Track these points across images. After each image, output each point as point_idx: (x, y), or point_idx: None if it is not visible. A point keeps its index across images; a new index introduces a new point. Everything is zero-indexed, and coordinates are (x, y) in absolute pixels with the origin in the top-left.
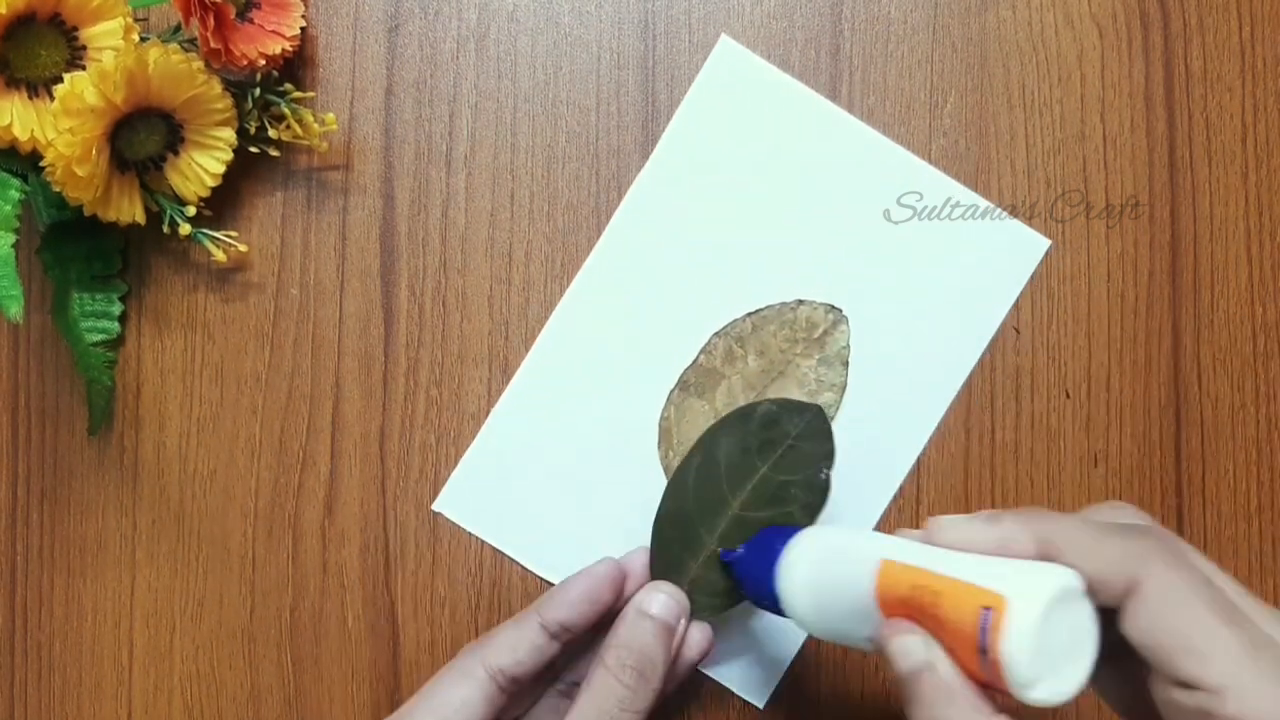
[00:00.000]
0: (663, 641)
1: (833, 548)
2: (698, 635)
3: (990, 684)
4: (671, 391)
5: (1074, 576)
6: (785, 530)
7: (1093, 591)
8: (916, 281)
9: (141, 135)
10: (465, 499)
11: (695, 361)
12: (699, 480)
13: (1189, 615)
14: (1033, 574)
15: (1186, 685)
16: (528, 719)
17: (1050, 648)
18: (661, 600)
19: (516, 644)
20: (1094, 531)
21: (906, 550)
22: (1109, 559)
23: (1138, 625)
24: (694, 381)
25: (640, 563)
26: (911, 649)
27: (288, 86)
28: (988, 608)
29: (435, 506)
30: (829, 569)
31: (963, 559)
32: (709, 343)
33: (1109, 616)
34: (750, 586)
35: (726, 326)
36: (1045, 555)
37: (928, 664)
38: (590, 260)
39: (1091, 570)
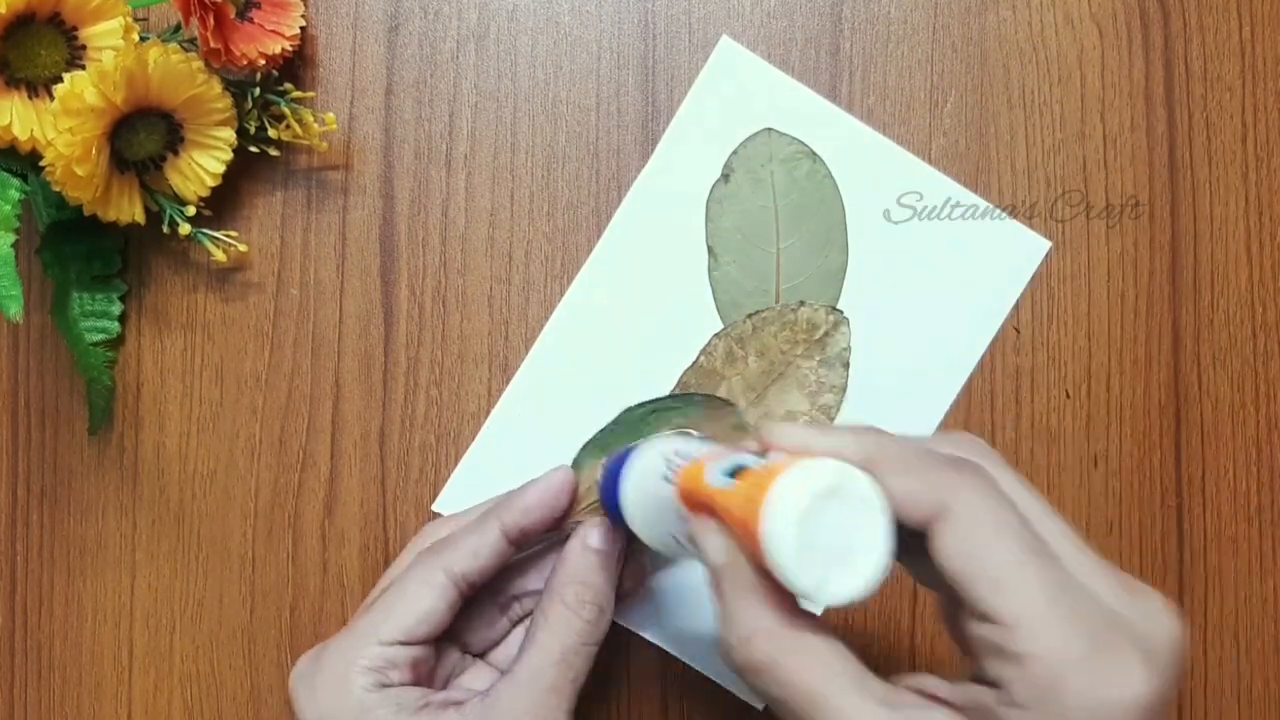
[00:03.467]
0: (611, 574)
1: (651, 454)
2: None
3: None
4: (671, 392)
5: (853, 475)
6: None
7: (903, 512)
8: (916, 282)
9: (141, 135)
10: (465, 499)
11: (695, 362)
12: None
13: (992, 547)
14: (806, 468)
15: (986, 618)
16: (465, 628)
17: (822, 544)
18: (599, 534)
19: (479, 549)
20: (917, 454)
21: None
22: (922, 481)
23: (943, 552)
24: (694, 383)
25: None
26: (711, 547)
27: (288, 86)
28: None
29: (435, 506)
30: (648, 477)
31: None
32: (709, 344)
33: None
34: (605, 497)
35: (727, 327)
36: (867, 469)
37: (725, 561)
38: (590, 260)
39: (901, 489)
